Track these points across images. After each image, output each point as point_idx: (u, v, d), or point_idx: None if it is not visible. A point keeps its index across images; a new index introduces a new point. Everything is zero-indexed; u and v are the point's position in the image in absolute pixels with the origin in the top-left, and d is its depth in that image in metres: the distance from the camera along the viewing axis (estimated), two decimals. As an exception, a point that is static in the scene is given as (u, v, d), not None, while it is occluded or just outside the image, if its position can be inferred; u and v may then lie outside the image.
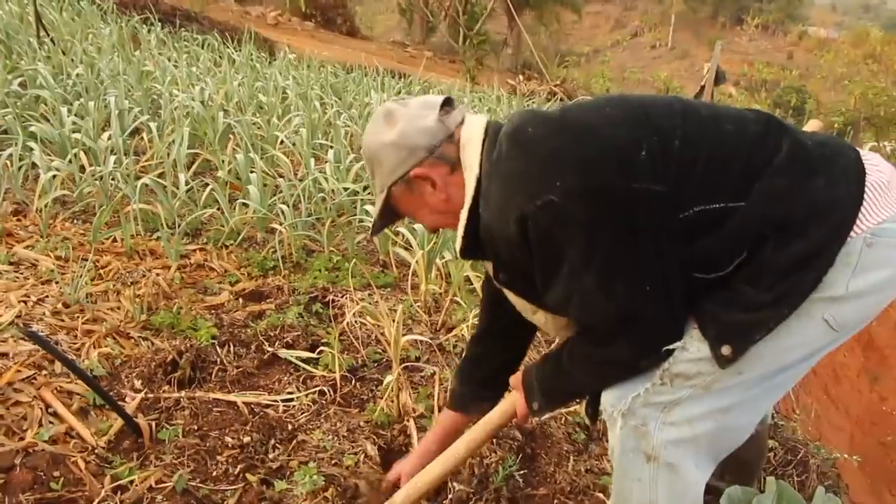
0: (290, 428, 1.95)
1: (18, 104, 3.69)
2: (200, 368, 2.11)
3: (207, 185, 3.29)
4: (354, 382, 2.21)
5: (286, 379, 2.16)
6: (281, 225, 2.97)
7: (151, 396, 1.97)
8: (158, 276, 2.60)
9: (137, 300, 2.36)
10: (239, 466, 1.77)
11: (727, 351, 1.20)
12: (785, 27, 48.48)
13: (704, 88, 6.95)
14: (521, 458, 1.99)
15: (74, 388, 1.89)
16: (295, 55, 7.31)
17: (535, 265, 1.24)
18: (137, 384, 2.01)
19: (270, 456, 1.84)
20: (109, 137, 3.40)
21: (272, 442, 1.89)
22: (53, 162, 3.11)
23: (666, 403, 1.26)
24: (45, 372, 1.91)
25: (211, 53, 6.48)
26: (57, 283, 2.35)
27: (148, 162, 3.51)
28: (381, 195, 1.38)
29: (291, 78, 5.80)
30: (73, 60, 4.74)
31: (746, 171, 1.19)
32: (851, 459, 2.53)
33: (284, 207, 3.04)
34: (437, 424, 1.76)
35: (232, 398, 2.01)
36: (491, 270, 1.45)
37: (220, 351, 2.21)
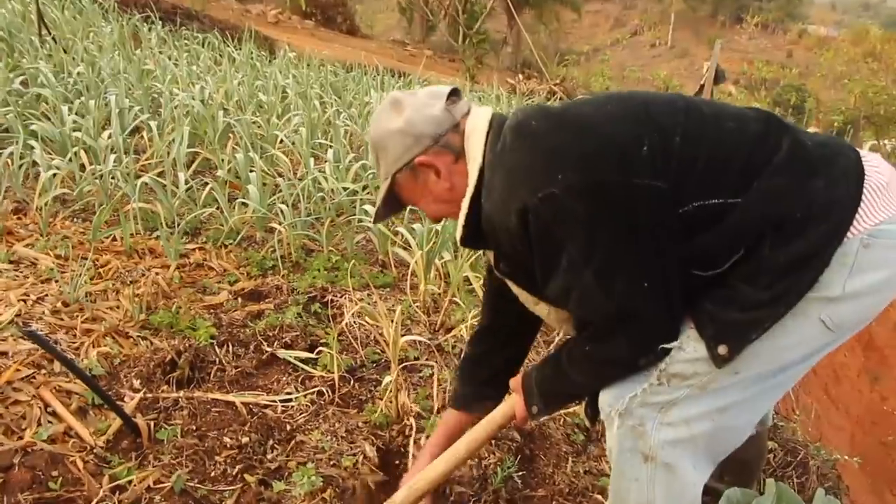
0: (288, 428, 1.95)
1: (20, 102, 3.69)
2: (199, 368, 2.11)
3: (207, 184, 3.29)
4: (353, 383, 2.21)
5: (285, 379, 2.16)
6: (280, 224, 2.96)
7: (150, 396, 1.97)
8: (158, 275, 2.60)
9: (136, 299, 2.36)
10: (237, 467, 1.78)
11: (723, 350, 1.20)
12: (784, 26, 48.37)
13: (704, 87, 6.94)
14: (519, 459, 1.98)
15: (73, 387, 1.89)
16: (295, 54, 7.32)
17: (534, 259, 1.25)
18: (136, 384, 2.01)
19: (269, 456, 1.84)
20: (110, 136, 3.40)
21: (270, 442, 1.89)
22: (54, 160, 3.11)
23: (663, 403, 1.26)
24: (44, 371, 1.92)
25: (211, 52, 6.48)
26: (56, 281, 2.35)
27: (148, 161, 3.51)
28: (385, 182, 1.39)
29: (291, 77, 5.80)
30: (74, 59, 4.74)
31: (746, 169, 1.20)
32: (852, 461, 2.53)
33: (284, 207, 3.04)
34: (440, 424, 1.75)
35: (230, 398, 2.01)
36: (492, 260, 1.45)
37: (218, 351, 2.21)
